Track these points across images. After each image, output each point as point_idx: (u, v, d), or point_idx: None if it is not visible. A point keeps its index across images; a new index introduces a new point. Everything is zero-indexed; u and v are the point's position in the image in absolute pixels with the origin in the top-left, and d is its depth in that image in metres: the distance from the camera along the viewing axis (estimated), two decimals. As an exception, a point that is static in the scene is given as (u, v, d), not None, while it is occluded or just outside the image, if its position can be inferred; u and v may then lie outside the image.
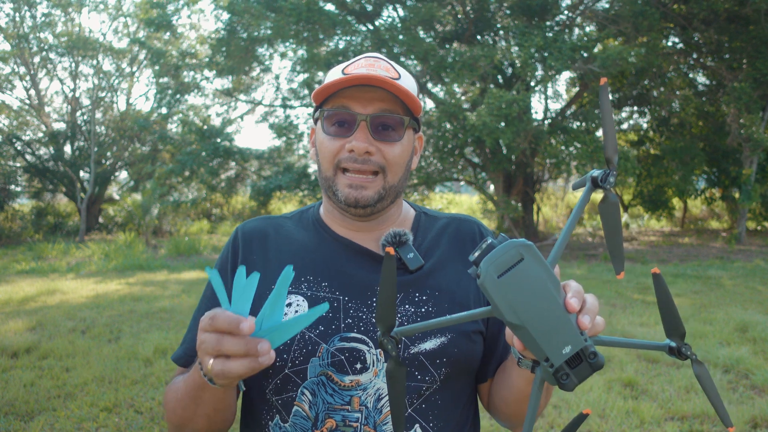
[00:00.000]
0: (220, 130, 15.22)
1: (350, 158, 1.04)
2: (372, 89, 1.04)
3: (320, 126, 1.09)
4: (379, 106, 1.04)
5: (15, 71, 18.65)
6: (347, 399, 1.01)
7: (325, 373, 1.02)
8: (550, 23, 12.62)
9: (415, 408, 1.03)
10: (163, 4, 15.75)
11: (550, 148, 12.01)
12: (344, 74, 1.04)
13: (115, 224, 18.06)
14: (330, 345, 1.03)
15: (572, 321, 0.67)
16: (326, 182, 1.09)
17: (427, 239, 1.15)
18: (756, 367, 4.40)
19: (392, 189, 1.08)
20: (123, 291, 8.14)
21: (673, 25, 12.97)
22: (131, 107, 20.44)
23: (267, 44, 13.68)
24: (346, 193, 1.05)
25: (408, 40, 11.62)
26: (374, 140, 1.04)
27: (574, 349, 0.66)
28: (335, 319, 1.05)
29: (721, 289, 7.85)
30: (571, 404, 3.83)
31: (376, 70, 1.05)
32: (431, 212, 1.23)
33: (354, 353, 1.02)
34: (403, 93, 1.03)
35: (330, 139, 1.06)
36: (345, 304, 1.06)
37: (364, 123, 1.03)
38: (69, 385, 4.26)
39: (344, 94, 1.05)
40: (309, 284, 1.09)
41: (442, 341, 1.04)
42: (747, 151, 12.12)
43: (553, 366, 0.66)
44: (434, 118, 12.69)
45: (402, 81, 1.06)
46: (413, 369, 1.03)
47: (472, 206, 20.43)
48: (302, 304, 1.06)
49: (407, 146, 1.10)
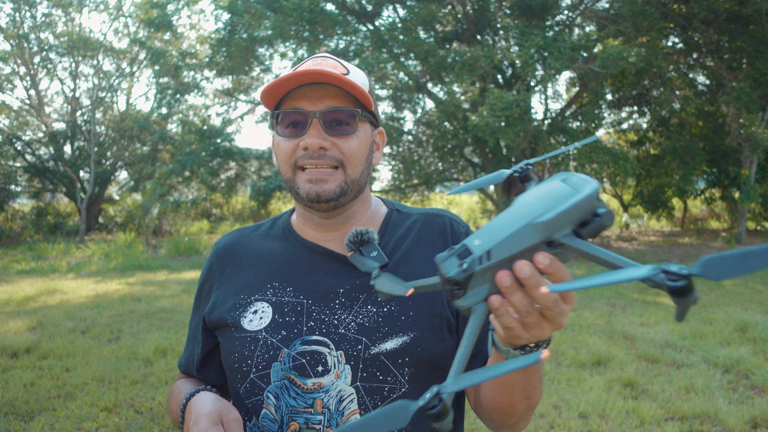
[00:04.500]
0: (220, 130, 15.22)
1: (306, 155, 1.05)
2: (321, 87, 1.04)
3: (276, 131, 1.10)
4: (330, 102, 1.04)
5: (15, 71, 18.66)
6: (310, 402, 1.02)
7: (288, 377, 1.04)
8: (550, 23, 12.62)
9: None
10: (163, 4, 15.75)
11: (550, 148, 12.00)
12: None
13: (115, 224, 18.06)
14: (291, 349, 1.04)
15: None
16: (288, 183, 1.09)
17: (395, 237, 1.15)
18: (756, 367, 4.40)
19: (354, 183, 1.08)
20: (123, 291, 8.14)
21: (673, 25, 12.97)
22: (131, 107, 20.44)
23: (267, 44, 13.68)
24: (306, 189, 1.06)
25: (408, 40, 11.62)
26: (328, 136, 1.04)
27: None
28: (298, 323, 1.06)
29: (721, 289, 7.85)
30: (571, 404, 3.83)
31: (323, 67, 1.05)
32: (405, 209, 1.22)
33: (315, 356, 1.03)
34: (351, 86, 1.03)
35: (285, 141, 1.07)
36: (308, 308, 1.07)
37: (316, 120, 1.04)
38: (69, 385, 4.26)
39: (294, 95, 1.05)
40: (274, 290, 1.11)
41: (404, 340, 1.03)
42: (747, 151, 12.12)
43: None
44: (434, 118, 12.69)
45: (350, 76, 1.06)
46: (374, 370, 1.02)
47: (471, 206, 20.43)
48: (267, 311, 1.09)
49: (364, 139, 1.09)
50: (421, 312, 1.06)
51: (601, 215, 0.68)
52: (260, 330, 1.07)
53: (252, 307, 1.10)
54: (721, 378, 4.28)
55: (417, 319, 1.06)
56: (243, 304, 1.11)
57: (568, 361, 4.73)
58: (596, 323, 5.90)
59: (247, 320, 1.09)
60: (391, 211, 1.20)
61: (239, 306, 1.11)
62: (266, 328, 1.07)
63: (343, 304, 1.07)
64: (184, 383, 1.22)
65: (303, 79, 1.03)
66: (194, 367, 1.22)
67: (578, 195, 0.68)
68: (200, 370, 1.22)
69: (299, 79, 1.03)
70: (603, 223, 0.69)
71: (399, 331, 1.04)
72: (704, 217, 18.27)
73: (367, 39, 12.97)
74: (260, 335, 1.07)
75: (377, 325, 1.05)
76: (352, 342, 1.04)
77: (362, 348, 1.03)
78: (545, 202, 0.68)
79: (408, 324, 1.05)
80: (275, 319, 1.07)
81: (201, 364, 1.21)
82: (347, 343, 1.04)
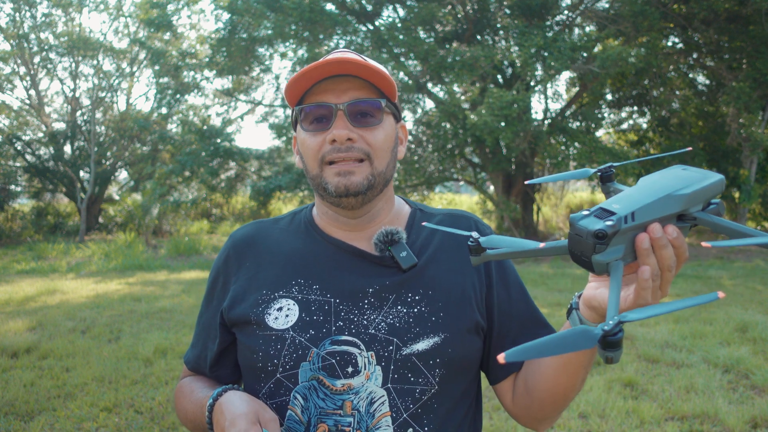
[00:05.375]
0: (220, 130, 15.22)
1: (334, 149, 1.03)
2: (344, 79, 1.03)
3: (300, 127, 1.08)
4: (354, 93, 1.03)
5: (15, 71, 18.65)
6: (339, 403, 1.00)
7: (317, 378, 1.01)
8: (550, 23, 12.62)
9: (411, 413, 1.01)
10: (163, 4, 15.75)
11: (549, 148, 12.01)
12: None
13: (115, 224, 18.05)
14: (321, 349, 1.02)
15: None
16: (315, 180, 1.07)
17: (421, 237, 1.13)
18: (756, 367, 4.40)
19: (380, 175, 1.06)
20: (123, 291, 8.14)
21: (673, 25, 12.97)
22: (131, 107, 20.44)
23: (267, 44, 13.68)
24: (335, 183, 1.04)
25: (408, 40, 11.62)
26: (354, 128, 1.03)
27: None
28: (326, 322, 1.04)
29: (721, 289, 7.85)
30: (571, 404, 3.84)
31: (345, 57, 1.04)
32: (428, 209, 1.21)
33: (345, 357, 1.01)
34: (374, 72, 1.02)
35: (311, 136, 1.05)
36: (336, 307, 1.05)
37: (341, 112, 1.02)
38: (69, 385, 4.26)
39: (316, 90, 1.04)
40: (300, 287, 1.08)
41: (435, 341, 1.02)
42: (747, 151, 12.13)
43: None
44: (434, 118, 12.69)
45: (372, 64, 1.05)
46: (406, 371, 1.01)
47: (471, 206, 20.42)
48: (293, 308, 1.06)
49: (389, 131, 1.08)
50: (452, 313, 1.06)
51: (716, 204, 0.78)
52: (287, 328, 1.04)
53: (276, 304, 1.07)
54: (721, 378, 4.28)
55: (447, 320, 1.05)
56: (266, 300, 1.08)
57: (568, 361, 4.73)
58: (596, 323, 5.90)
59: (272, 317, 1.05)
60: (414, 210, 1.19)
61: (262, 302, 1.08)
62: (293, 327, 1.04)
63: (372, 305, 1.05)
64: (195, 382, 1.17)
65: (327, 69, 1.01)
66: (207, 364, 1.18)
67: (712, 178, 0.77)
68: (213, 367, 1.17)
69: (323, 70, 1.01)
70: (718, 209, 0.78)
71: (430, 332, 1.03)
72: (704, 217, 18.27)
73: (367, 39, 12.97)
74: (287, 334, 1.04)
75: (408, 325, 1.03)
76: (383, 343, 1.02)
77: (393, 349, 1.01)
78: (681, 181, 0.76)
79: (439, 325, 1.04)
80: (302, 317, 1.05)
81: (215, 361, 1.16)
82: (378, 344, 1.02)
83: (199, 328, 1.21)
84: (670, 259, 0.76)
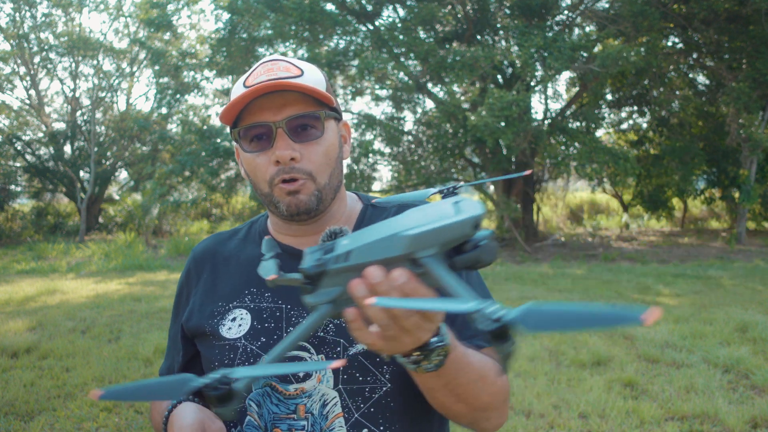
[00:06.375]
0: (220, 130, 15.21)
1: (280, 170, 1.02)
2: (279, 94, 1.01)
3: (240, 147, 1.06)
4: (291, 109, 1.01)
5: (15, 71, 18.65)
6: (293, 407, 1.02)
7: (270, 384, 1.03)
8: (550, 23, 12.62)
9: (363, 412, 1.01)
10: (163, 4, 15.74)
11: (550, 148, 12.01)
12: (245, 87, 1.01)
13: (115, 224, 18.05)
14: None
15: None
16: (266, 198, 1.07)
17: None
18: (756, 367, 4.40)
19: (327, 187, 1.05)
20: (123, 291, 8.14)
21: (673, 25, 12.97)
22: (131, 107, 20.44)
23: (267, 44, 13.68)
24: (287, 202, 1.03)
25: (408, 40, 11.62)
26: (296, 144, 1.01)
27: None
28: (277, 328, 1.06)
29: (721, 289, 7.85)
30: (571, 404, 3.84)
31: (276, 73, 1.02)
32: (381, 203, 1.16)
33: (295, 361, 1.03)
34: (307, 90, 1.00)
35: (254, 156, 1.03)
36: (287, 313, 1.06)
37: (280, 130, 1.00)
38: (69, 385, 4.26)
39: (252, 107, 1.01)
40: (252, 296, 1.10)
41: None
42: (746, 151, 12.13)
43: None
44: (434, 118, 12.68)
45: (306, 77, 1.03)
46: (354, 371, 1.01)
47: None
48: (245, 317, 1.08)
49: (332, 140, 1.06)
50: None
51: (480, 247, 0.65)
52: (239, 337, 1.06)
53: (230, 315, 1.09)
54: (721, 378, 4.28)
55: None
56: (221, 311, 1.10)
57: (568, 361, 4.73)
58: (596, 323, 5.89)
59: (226, 328, 1.08)
60: (365, 206, 1.18)
61: (217, 314, 1.10)
62: (245, 336, 1.06)
63: None
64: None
65: (258, 93, 0.99)
66: None
67: (453, 218, 0.64)
68: None
69: (254, 94, 0.99)
70: (479, 257, 0.65)
71: None
72: (704, 217, 18.27)
73: (367, 39, 12.97)
74: (239, 343, 1.06)
75: None
76: (330, 344, 1.03)
77: (341, 350, 1.02)
78: (422, 218, 0.66)
79: None
80: (254, 325, 1.06)
81: (181, 372, 1.18)
82: (326, 346, 1.03)
83: (169, 341, 1.24)
84: (394, 310, 0.68)
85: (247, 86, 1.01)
